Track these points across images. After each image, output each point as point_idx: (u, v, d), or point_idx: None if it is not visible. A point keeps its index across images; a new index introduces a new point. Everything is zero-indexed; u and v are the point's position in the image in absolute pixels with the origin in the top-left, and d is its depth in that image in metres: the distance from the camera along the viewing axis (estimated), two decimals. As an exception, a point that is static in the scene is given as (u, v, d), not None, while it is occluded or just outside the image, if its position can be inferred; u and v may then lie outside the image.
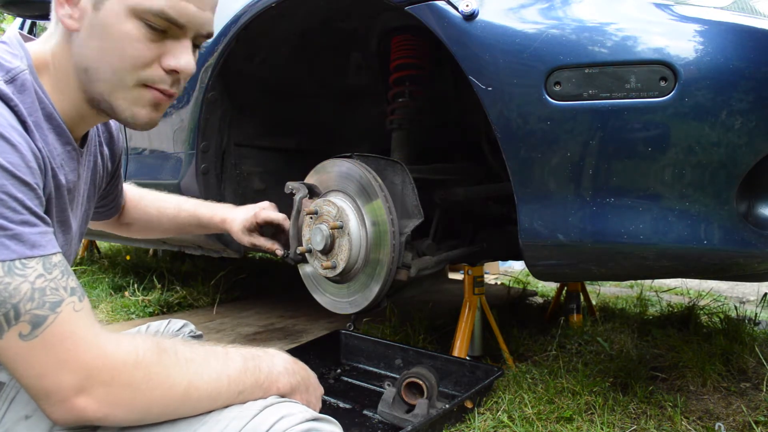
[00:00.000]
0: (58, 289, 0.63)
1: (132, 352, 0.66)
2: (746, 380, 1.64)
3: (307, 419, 0.71)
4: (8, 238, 0.60)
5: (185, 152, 1.72)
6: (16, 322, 0.60)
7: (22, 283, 0.60)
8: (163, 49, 0.74)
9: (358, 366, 1.73)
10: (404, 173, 1.35)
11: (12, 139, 0.63)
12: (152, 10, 0.70)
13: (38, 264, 0.62)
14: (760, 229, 1.03)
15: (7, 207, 0.60)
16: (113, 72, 0.73)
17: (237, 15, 1.49)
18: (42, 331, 0.61)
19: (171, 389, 0.67)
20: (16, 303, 0.60)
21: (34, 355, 0.61)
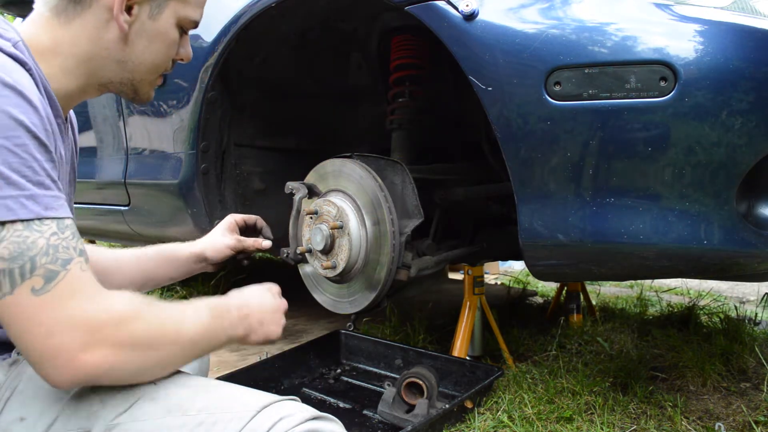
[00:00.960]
0: (69, 248, 0.66)
1: (130, 306, 0.70)
2: (746, 380, 1.64)
3: (306, 419, 0.71)
4: (25, 198, 0.63)
5: (185, 152, 1.72)
6: (30, 275, 0.62)
7: (39, 238, 0.63)
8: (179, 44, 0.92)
9: (358, 366, 1.73)
10: (404, 173, 1.35)
11: (33, 101, 0.67)
12: (193, 20, 0.90)
13: (53, 223, 0.65)
14: (760, 229, 1.03)
15: (27, 166, 0.64)
16: (153, 66, 0.88)
17: (237, 15, 1.49)
18: (54, 286, 0.63)
19: (162, 341, 0.72)
20: (33, 255, 0.62)
21: (44, 311, 0.62)
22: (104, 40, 0.82)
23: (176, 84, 1.71)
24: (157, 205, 1.95)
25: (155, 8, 0.85)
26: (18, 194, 0.62)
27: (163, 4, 0.85)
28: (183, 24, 0.89)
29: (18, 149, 0.63)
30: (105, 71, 0.85)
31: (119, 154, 2.04)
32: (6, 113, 0.63)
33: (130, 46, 0.85)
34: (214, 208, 1.78)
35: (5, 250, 0.61)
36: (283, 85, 1.84)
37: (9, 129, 0.62)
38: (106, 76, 0.86)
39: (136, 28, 0.84)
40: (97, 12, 0.81)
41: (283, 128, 1.99)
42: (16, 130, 0.63)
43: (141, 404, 0.72)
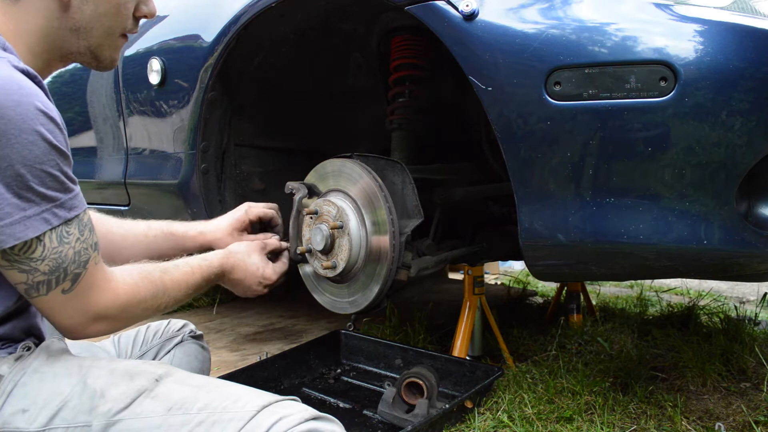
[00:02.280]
0: (87, 248, 0.78)
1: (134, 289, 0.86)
2: (746, 380, 1.64)
3: (306, 419, 0.71)
4: (57, 207, 0.74)
5: (185, 152, 1.72)
6: (63, 280, 0.76)
7: (68, 249, 0.75)
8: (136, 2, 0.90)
9: (358, 366, 1.73)
10: (404, 173, 1.35)
11: (56, 119, 0.74)
12: None
13: (75, 228, 0.76)
14: (760, 229, 1.03)
15: (58, 181, 0.74)
16: (106, 30, 0.87)
17: (237, 15, 1.49)
18: (77, 285, 0.77)
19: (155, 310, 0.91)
20: (66, 266, 0.76)
21: (69, 304, 0.78)
22: (50, 11, 0.82)
23: (176, 84, 1.71)
24: (157, 205, 1.95)
25: None
26: (51, 206, 0.73)
27: None
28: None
29: (52, 169, 0.72)
30: (63, 42, 0.85)
31: (119, 154, 2.04)
32: (41, 138, 0.71)
33: (78, 13, 0.83)
34: (214, 208, 1.78)
35: (46, 267, 0.74)
36: (283, 85, 1.84)
37: (45, 155, 0.71)
38: (65, 47, 0.86)
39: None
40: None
41: (283, 128, 1.99)
42: (51, 153, 0.72)
43: (142, 401, 0.73)
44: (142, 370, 0.79)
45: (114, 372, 0.78)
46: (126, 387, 0.75)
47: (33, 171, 0.70)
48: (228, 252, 1.12)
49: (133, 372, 0.78)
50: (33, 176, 0.70)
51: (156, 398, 0.73)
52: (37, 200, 0.71)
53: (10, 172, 0.68)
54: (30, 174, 0.70)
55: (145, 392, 0.74)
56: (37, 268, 0.73)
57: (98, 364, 0.80)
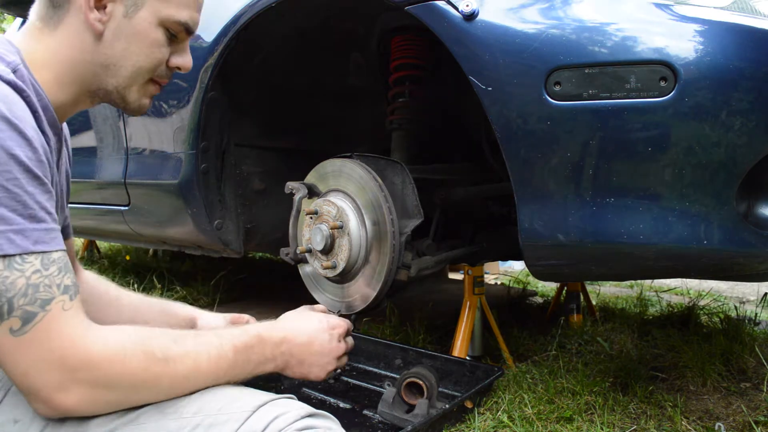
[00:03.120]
0: (51, 286, 0.65)
1: (119, 353, 0.68)
2: (746, 380, 1.64)
3: (302, 416, 0.71)
4: (14, 233, 0.62)
5: (185, 152, 1.72)
6: (8, 316, 0.62)
7: (18, 278, 0.62)
8: (172, 49, 0.87)
9: (358, 366, 1.73)
10: (404, 173, 1.35)
11: (27, 133, 0.66)
12: (178, 21, 0.84)
13: (36, 260, 0.64)
14: (760, 229, 1.03)
15: (18, 201, 0.63)
16: (136, 70, 0.83)
17: (237, 15, 1.49)
18: (31, 328, 0.63)
19: (156, 393, 0.71)
20: (10, 297, 0.62)
21: (21, 351, 0.63)
22: (84, 44, 0.80)
23: (176, 84, 1.71)
24: (157, 205, 1.95)
25: (131, 6, 0.80)
26: (6, 229, 0.62)
27: (139, 2, 0.81)
28: (167, 25, 0.84)
29: (8, 183, 0.62)
30: (92, 78, 0.82)
31: (119, 154, 2.04)
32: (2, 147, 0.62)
33: (110, 49, 0.81)
34: (214, 208, 1.78)
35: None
36: (283, 85, 1.84)
37: (3, 164, 0.62)
38: (94, 83, 0.83)
39: (113, 28, 0.80)
40: (74, 15, 0.79)
41: (283, 128, 1.99)
42: (8, 164, 0.63)
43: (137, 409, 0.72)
44: None
45: None
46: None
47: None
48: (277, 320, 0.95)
49: None
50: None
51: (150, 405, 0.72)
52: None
53: None
54: None
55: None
56: None
57: None
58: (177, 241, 2.13)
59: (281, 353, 0.87)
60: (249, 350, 0.81)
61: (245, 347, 0.81)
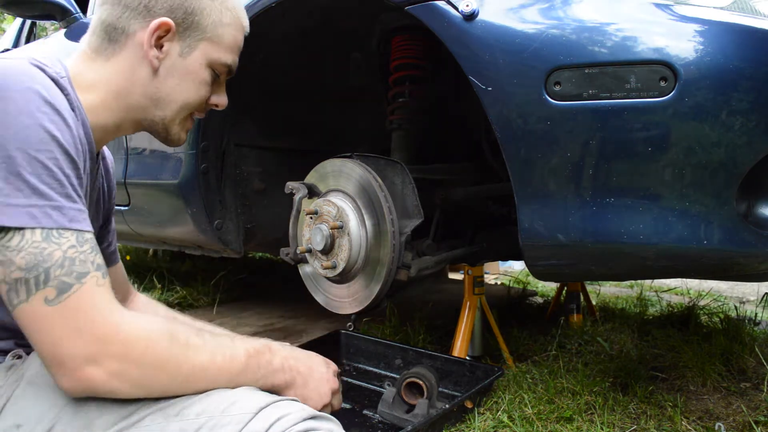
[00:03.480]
0: (86, 261, 0.69)
1: (145, 332, 0.71)
2: (746, 380, 1.64)
3: (304, 418, 0.71)
4: (51, 208, 0.66)
5: (185, 152, 1.72)
6: (44, 286, 0.65)
7: (55, 250, 0.66)
8: (213, 89, 0.95)
9: (358, 366, 1.73)
10: (404, 173, 1.35)
11: (68, 120, 0.71)
12: (225, 63, 0.93)
13: (72, 236, 0.68)
14: (760, 229, 1.03)
15: (56, 179, 0.67)
16: (184, 105, 0.91)
17: (237, 15, 1.49)
18: (66, 298, 0.66)
19: (176, 375, 0.72)
20: (47, 267, 0.65)
21: (55, 321, 0.65)
22: (138, 77, 0.86)
23: (176, 84, 1.71)
24: (157, 205, 1.95)
25: (186, 47, 0.88)
26: (44, 204, 0.66)
27: (194, 44, 0.89)
28: (214, 67, 0.92)
29: (50, 162, 0.67)
30: (140, 108, 0.88)
31: (119, 154, 2.04)
32: (43, 128, 0.67)
33: (162, 83, 0.88)
34: (214, 208, 1.78)
35: (22, 260, 0.64)
36: (283, 85, 1.84)
37: (44, 143, 0.67)
38: (141, 112, 0.89)
39: (167, 65, 0.87)
40: (132, 50, 0.86)
41: (283, 128, 1.99)
42: (50, 144, 0.67)
43: (140, 412, 0.72)
44: None
45: None
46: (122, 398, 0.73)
47: (25, 156, 0.65)
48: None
49: None
50: (25, 162, 0.65)
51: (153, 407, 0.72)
52: (26, 191, 0.65)
53: (3, 155, 0.64)
54: (21, 159, 0.65)
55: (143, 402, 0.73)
56: (12, 260, 0.64)
57: None
58: (177, 241, 2.13)
59: (290, 367, 0.88)
60: (260, 356, 0.83)
61: (256, 353, 0.82)
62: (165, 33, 0.86)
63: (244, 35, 0.98)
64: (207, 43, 0.90)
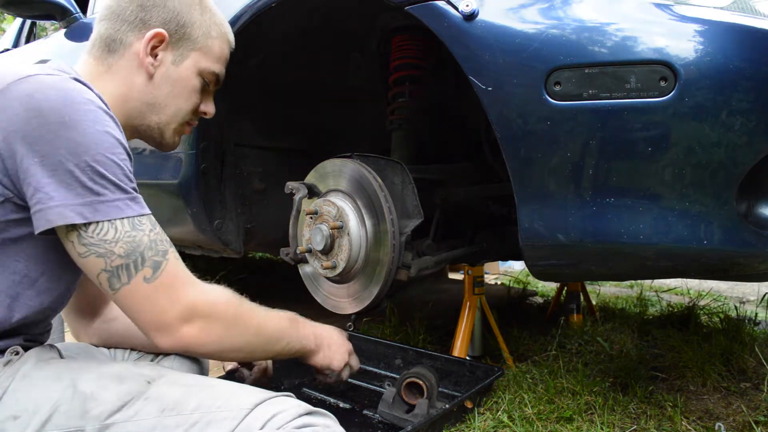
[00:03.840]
0: (163, 240, 0.81)
1: (223, 295, 0.86)
2: (746, 380, 1.64)
3: (300, 414, 0.71)
4: (130, 200, 0.78)
5: (185, 152, 1.72)
6: (142, 266, 0.76)
7: (143, 235, 0.77)
8: (203, 98, 1.04)
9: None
10: (404, 173, 1.35)
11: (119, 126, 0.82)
12: (213, 71, 1.01)
13: (147, 220, 0.80)
14: (760, 229, 1.03)
15: (127, 177, 0.79)
16: (177, 110, 0.99)
17: (237, 15, 1.49)
18: (160, 274, 0.78)
19: (248, 328, 0.89)
20: (142, 251, 0.77)
21: (157, 294, 0.77)
22: (136, 83, 0.94)
23: (176, 84, 1.71)
24: (157, 205, 1.94)
25: (178, 56, 0.96)
26: (124, 197, 0.77)
27: (185, 53, 0.97)
28: (204, 75, 1.00)
29: (122, 163, 0.78)
30: (137, 113, 0.96)
31: (119, 154, 2.04)
32: (111, 135, 0.77)
33: (157, 89, 0.96)
34: (214, 208, 1.78)
35: (121, 249, 0.75)
36: (283, 85, 1.84)
37: (115, 147, 0.77)
38: (138, 118, 0.96)
39: (161, 73, 0.95)
40: (129, 60, 0.94)
41: (283, 128, 1.99)
42: (118, 147, 0.78)
43: (135, 403, 0.72)
44: (133, 373, 0.79)
45: (104, 376, 0.77)
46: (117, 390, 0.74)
47: (105, 160, 0.75)
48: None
49: (123, 375, 0.78)
50: (105, 165, 0.75)
51: (149, 400, 0.73)
52: (111, 188, 0.75)
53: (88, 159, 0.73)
54: (103, 161, 0.75)
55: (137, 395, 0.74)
56: (113, 250, 0.75)
57: (88, 368, 0.79)
58: (177, 241, 2.13)
59: (315, 335, 1.07)
60: (296, 322, 1.03)
61: (292, 319, 1.02)
62: (159, 43, 0.94)
63: (230, 49, 1.07)
64: (197, 53, 0.98)
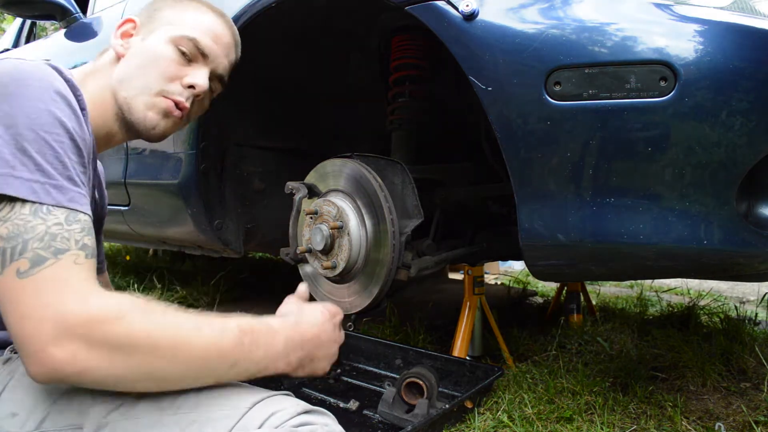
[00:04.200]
0: (69, 239, 0.67)
1: (115, 307, 0.65)
2: (746, 380, 1.64)
3: (298, 412, 0.71)
4: (52, 186, 0.67)
5: (185, 152, 1.72)
6: (19, 257, 0.63)
7: (39, 224, 0.65)
8: (188, 71, 0.98)
9: (358, 366, 1.73)
10: (404, 173, 1.35)
11: (78, 113, 0.74)
12: (186, 36, 0.96)
13: (62, 215, 0.67)
14: (760, 229, 1.03)
15: (60, 162, 0.68)
16: (144, 79, 0.94)
17: (237, 15, 1.49)
18: (37, 272, 0.63)
19: (154, 352, 0.66)
20: (27, 239, 0.64)
21: (24, 294, 0.62)
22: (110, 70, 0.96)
23: (176, 84, 1.71)
24: (157, 205, 1.95)
25: (147, 33, 0.98)
26: (45, 181, 0.66)
27: (155, 29, 0.98)
28: (178, 42, 0.96)
29: (56, 144, 0.68)
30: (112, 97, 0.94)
31: (119, 154, 2.04)
32: (52, 114, 0.69)
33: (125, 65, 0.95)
34: (214, 208, 1.78)
35: (5, 230, 0.64)
36: (282, 85, 1.84)
37: (52, 126, 0.69)
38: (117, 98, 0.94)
39: (131, 51, 0.96)
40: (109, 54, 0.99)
41: (283, 128, 1.99)
42: (58, 128, 0.69)
43: (133, 402, 0.72)
44: None
45: None
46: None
47: (34, 135, 0.67)
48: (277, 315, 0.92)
49: None
50: (32, 140, 0.66)
51: (147, 398, 0.72)
52: (30, 166, 0.66)
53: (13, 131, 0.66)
54: (30, 136, 0.66)
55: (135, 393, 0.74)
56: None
57: None
58: (177, 241, 2.13)
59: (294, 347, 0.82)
60: (256, 333, 0.76)
61: (251, 329, 0.75)
62: (131, 28, 0.98)
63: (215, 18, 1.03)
64: (168, 26, 0.97)
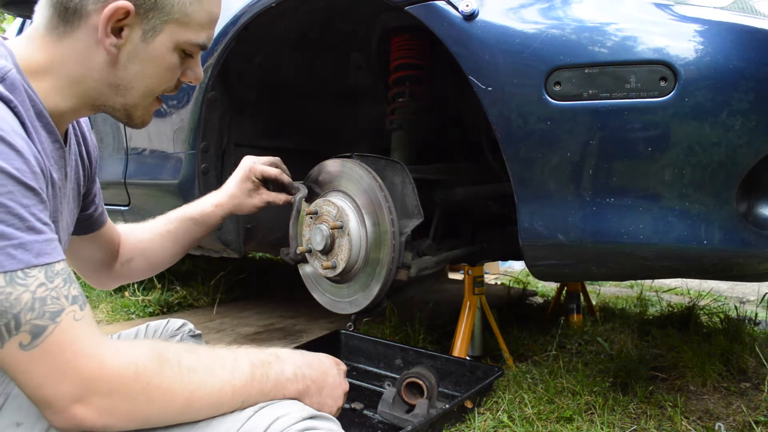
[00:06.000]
0: (59, 298, 0.63)
1: (132, 363, 0.66)
2: (746, 380, 1.64)
3: (303, 418, 0.71)
4: (14, 248, 0.60)
5: (185, 152, 1.72)
6: (16, 332, 0.60)
7: (23, 292, 0.60)
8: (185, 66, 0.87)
9: (358, 366, 1.73)
10: (404, 173, 1.35)
11: (17, 145, 0.63)
12: (196, 43, 0.83)
13: (40, 273, 0.62)
14: (760, 229, 1.03)
15: (14, 215, 0.61)
16: (147, 91, 0.83)
17: (237, 15, 1.49)
18: (42, 341, 0.61)
19: (171, 402, 0.68)
20: (16, 313, 0.60)
21: (34, 365, 0.61)
22: (94, 63, 0.77)
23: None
24: (157, 205, 1.95)
25: (149, 31, 0.78)
26: (5, 245, 0.60)
27: (158, 26, 0.79)
28: (185, 48, 0.83)
29: (4, 199, 0.60)
30: (97, 94, 0.80)
31: (119, 154, 2.04)
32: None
33: (122, 71, 0.79)
34: (214, 208, 1.78)
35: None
36: (283, 85, 1.84)
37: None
38: (99, 98, 0.81)
39: (128, 51, 0.78)
40: (86, 32, 0.76)
41: (283, 128, 1.99)
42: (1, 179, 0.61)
43: None
44: None
45: None
46: None
47: None
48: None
49: None
50: None
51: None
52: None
53: None
54: None
55: None
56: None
57: None
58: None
59: (303, 376, 0.82)
60: (267, 366, 0.77)
61: (262, 363, 0.77)
62: (124, 16, 0.75)
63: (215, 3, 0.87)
64: (174, 24, 0.79)
